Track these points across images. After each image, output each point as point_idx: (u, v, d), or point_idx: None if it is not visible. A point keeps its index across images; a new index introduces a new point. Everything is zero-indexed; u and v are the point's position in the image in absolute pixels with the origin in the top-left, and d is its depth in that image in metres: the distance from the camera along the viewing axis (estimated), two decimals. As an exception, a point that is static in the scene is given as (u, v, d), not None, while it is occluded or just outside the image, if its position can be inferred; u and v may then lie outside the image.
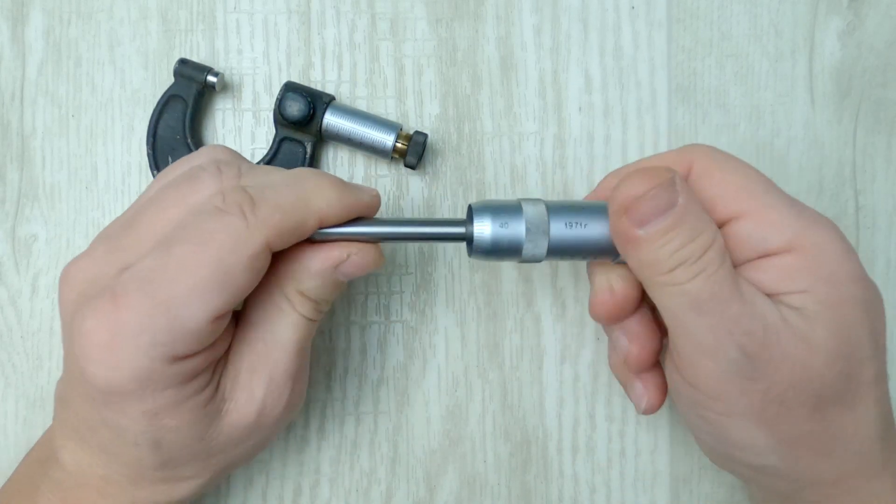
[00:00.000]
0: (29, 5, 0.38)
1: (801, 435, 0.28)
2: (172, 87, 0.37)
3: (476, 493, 0.38)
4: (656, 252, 0.27)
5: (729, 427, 0.28)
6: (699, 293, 0.27)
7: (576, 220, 0.29)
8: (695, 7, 0.39)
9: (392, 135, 0.36)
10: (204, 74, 0.37)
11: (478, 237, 0.29)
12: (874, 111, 0.39)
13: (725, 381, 0.27)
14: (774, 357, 0.27)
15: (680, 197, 0.27)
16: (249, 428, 0.29)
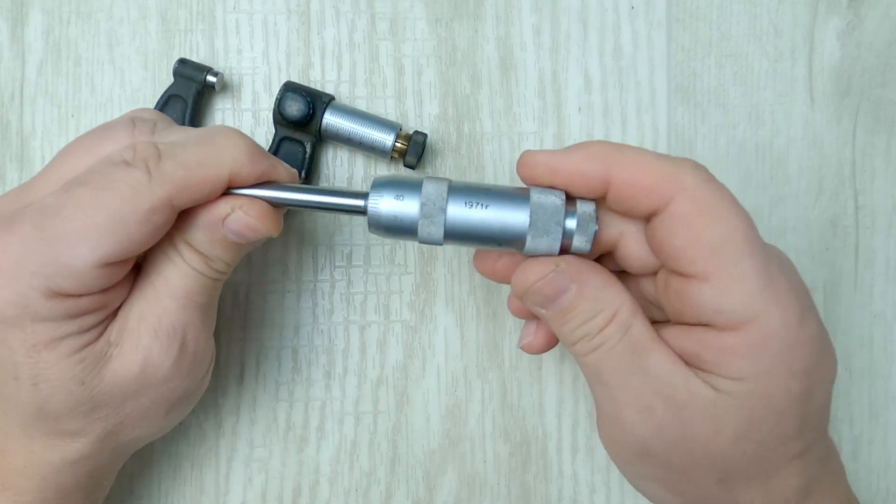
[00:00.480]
0: (28, 5, 0.38)
1: (705, 498, 0.28)
2: (172, 86, 0.37)
3: (475, 493, 0.38)
4: (560, 329, 0.29)
5: (640, 486, 0.30)
6: (597, 366, 0.28)
7: (477, 200, 0.28)
8: (694, 7, 0.39)
9: (391, 134, 0.36)
10: (203, 74, 0.37)
11: (371, 211, 0.28)
12: (874, 111, 0.39)
13: (627, 450, 0.29)
14: (674, 435, 0.27)
15: (572, 284, 0.27)
16: (135, 380, 0.28)
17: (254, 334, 0.38)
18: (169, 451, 0.38)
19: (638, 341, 0.27)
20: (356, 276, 0.39)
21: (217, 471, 0.38)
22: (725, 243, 0.26)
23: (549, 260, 0.28)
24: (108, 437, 0.30)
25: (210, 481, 0.38)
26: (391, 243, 0.39)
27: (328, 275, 0.38)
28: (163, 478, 0.38)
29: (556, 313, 0.28)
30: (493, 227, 0.28)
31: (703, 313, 0.26)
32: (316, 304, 0.38)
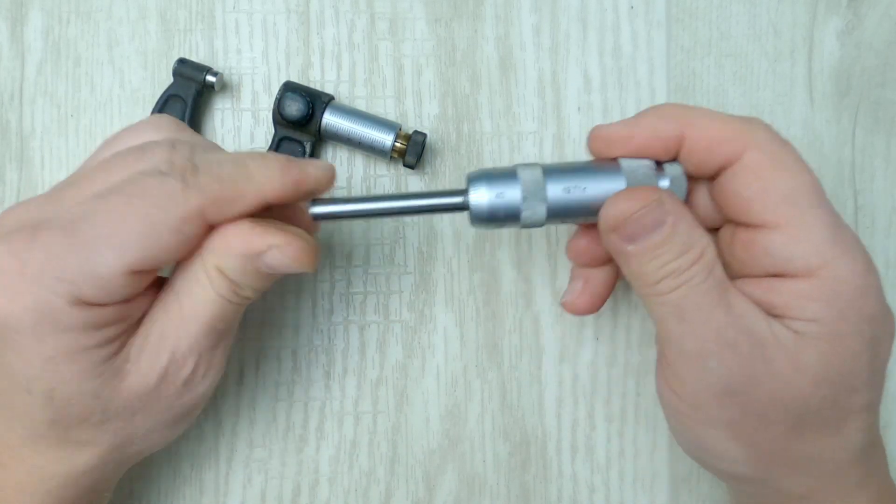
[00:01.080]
0: (28, 5, 0.38)
1: (775, 451, 0.28)
2: (171, 86, 0.37)
3: (475, 493, 0.38)
4: (644, 266, 0.28)
5: (705, 436, 0.29)
6: (682, 302, 0.27)
7: (572, 179, 0.29)
8: (694, 7, 0.39)
9: (391, 134, 0.36)
10: (203, 74, 0.37)
11: (474, 206, 0.29)
12: (873, 111, 0.39)
13: (705, 390, 0.28)
14: (758, 372, 0.27)
15: (669, 216, 0.27)
16: (148, 396, 0.28)
17: (253, 334, 0.38)
18: (168, 452, 0.38)
19: (720, 281, 0.28)
20: (356, 276, 0.39)
21: (216, 471, 0.38)
22: (796, 194, 0.27)
23: (649, 191, 0.28)
24: (114, 449, 0.29)
25: (209, 481, 0.38)
26: (391, 243, 0.39)
27: (328, 275, 0.38)
28: (162, 478, 0.38)
29: (648, 247, 0.27)
30: (592, 201, 0.29)
31: (773, 262, 0.27)
32: (315, 304, 0.38)
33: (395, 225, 0.39)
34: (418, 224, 0.39)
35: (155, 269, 0.27)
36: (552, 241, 0.39)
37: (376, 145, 0.36)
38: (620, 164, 0.29)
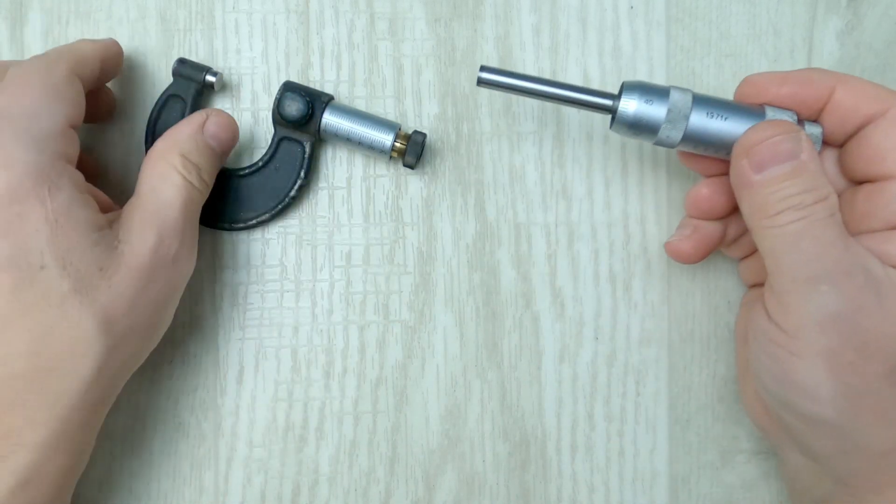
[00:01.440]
0: (27, 5, 0.38)
1: (867, 393, 0.28)
2: (171, 86, 0.37)
3: (475, 493, 0.38)
4: (767, 196, 0.29)
5: (798, 368, 0.28)
6: (802, 232, 0.28)
7: (718, 113, 0.31)
8: (693, 7, 0.39)
9: (391, 134, 0.36)
10: (203, 74, 0.37)
11: (622, 112, 0.31)
12: (873, 111, 0.39)
13: (809, 314, 0.28)
14: (868, 304, 0.27)
15: (803, 152, 0.28)
16: (145, 270, 0.31)
17: (253, 334, 0.38)
18: (168, 451, 0.38)
19: (841, 225, 0.29)
20: (355, 275, 0.39)
21: (216, 471, 0.38)
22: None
23: (790, 124, 0.30)
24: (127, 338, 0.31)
25: (209, 481, 0.38)
26: (391, 243, 0.39)
27: (327, 274, 0.38)
28: (162, 478, 0.38)
29: (777, 177, 0.28)
30: (728, 135, 0.31)
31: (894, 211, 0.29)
32: (315, 304, 0.38)
33: (394, 225, 0.39)
34: (418, 224, 0.39)
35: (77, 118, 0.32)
36: (552, 240, 0.39)
37: (376, 145, 0.36)
38: (766, 111, 0.31)
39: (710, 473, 0.39)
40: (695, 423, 0.39)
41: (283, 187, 0.37)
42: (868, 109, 0.30)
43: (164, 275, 0.32)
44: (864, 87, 0.30)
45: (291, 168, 0.37)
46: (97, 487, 0.38)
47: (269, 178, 0.37)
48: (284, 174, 0.37)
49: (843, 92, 0.30)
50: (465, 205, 0.39)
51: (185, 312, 0.38)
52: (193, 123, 0.34)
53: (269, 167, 0.37)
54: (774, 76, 0.31)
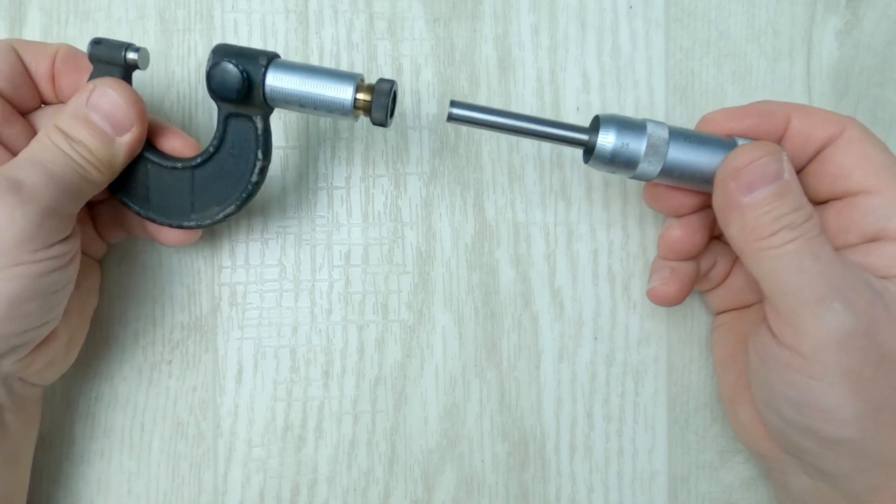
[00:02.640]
0: (27, 5, 0.38)
1: (887, 407, 0.28)
2: (92, 75, 0.32)
3: (474, 493, 0.38)
4: (759, 218, 0.29)
5: (817, 391, 0.28)
6: (802, 252, 0.28)
7: (694, 145, 0.31)
8: (692, 6, 0.39)
9: (350, 87, 0.30)
10: (122, 52, 0.31)
11: (600, 147, 0.31)
12: (872, 111, 0.39)
13: (826, 334, 0.28)
14: (880, 317, 0.28)
15: (786, 172, 0.29)
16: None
17: (252, 334, 0.38)
18: (167, 451, 0.38)
19: (828, 241, 0.29)
20: (354, 275, 0.39)
21: (215, 471, 0.38)
22: (891, 165, 0.30)
23: (772, 144, 0.30)
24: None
25: (208, 481, 0.38)
26: (389, 243, 0.39)
27: (326, 274, 0.38)
28: (161, 478, 0.38)
29: (764, 198, 0.29)
30: (705, 168, 0.31)
31: (871, 223, 0.30)
32: (314, 304, 0.38)
33: (393, 225, 0.39)
34: (417, 224, 0.39)
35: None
36: (550, 240, 0.39)
37: (334, 106, 0.30)
38: (735, 141, 0.31)
39: (709, 473, 0.39)
40: (693, 423, 0.39)
41: (242, 172, 0.33)
42: (825, 133, 0.31)
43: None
44: (819, 113, 0.31)
45: (247, 150, 0.33)
46: (95, 487, 0.38)
47: (226, 164, 0.33)
48: (241, 158, 0.33)
49: (800, 119, 0.31)
50: (464, 204, 0.39)
51: (184, 312, 0.38)
52: (78, 95, 0.31)
53: (221, 152, 0.33)
54: (733, 112, 0.32)
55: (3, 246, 0.28)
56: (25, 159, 0.30)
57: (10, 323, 0.28)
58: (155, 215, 0.34)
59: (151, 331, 0.38)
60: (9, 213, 0.28)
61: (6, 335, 0.29)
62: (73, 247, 0.31)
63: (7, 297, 0.28)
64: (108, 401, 0.38)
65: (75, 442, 0.38)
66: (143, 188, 0.33)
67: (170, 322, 0.38)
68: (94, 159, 0.31)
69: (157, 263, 0.38)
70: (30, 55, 0.32)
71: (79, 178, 0.30)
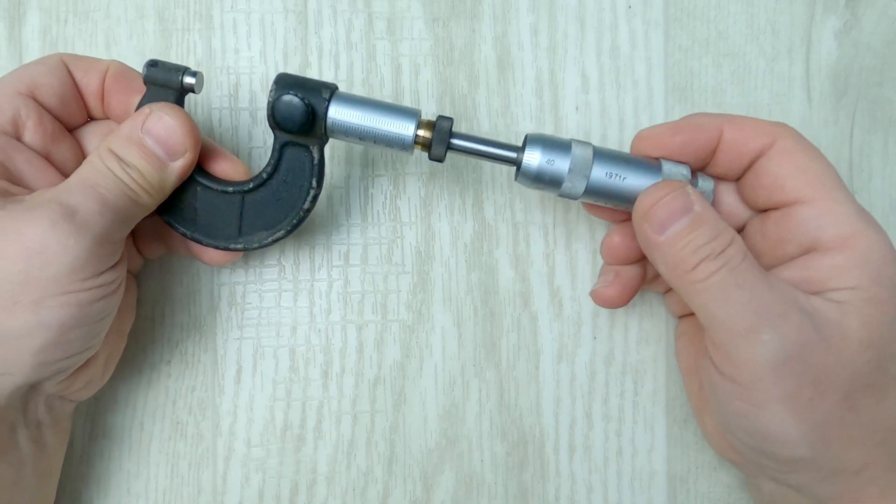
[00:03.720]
0: (25, 5, 0.38)
1: (830, 422, 0.28)
2: (145, 97, 0.32)
3: (473, 493, 0.38)
4: (679, 252, 0.29)
5: (763, 418, 0.29)
6: (725, 283, 0.28)
7: (617, 166, 0.31)
8: (691, 6, 0.39)
9: (411, 124, 0.31)
10: (179, 76, 0.31)
11: (525, 165, 0.31)
12: (871, 110, 0.39)
13: (760, 365, 0.28)
14: (809, 340, 0.28)
15: (695, 204, 0.29)
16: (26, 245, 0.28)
17: (251, 333, 0.38)
18: (166, 451, 0.38)
19: (756, 265, 0.29)
20: (353, 275, 0.39)
21: (214, 470, 0.38)
22: (825, 174, 0.30)
23: (676, 182, 0.31)
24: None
25: (207, 481, 0.38)
26: (389, 243, 0.39)
27: (325, 274, 0.38)
28: (160, 477, 0.38)
29: (679, 233, 0.29)
30: (627, 190, 0.31)
31: (805, 234, 0.29)
32: (313, 304, 0.38)
33: (393, 225, 0.39)
34: (416, 224, 0.39)
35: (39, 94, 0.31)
36: (549, 240, 0.39)
37: (394, 140, 0.31)
38: (662, 165, 0.32)
39: (708, 473, 0.39)
40: (692, 423, 0.39)
41: (295, 199, 0.33)
42: (757, 143, 0.31)
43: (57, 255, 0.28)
44: (750, 124, 0.31)
45: (301, 178, 0.33)
46: (95, 487, 0.38)
47: (278, 191, 0.33)
48: (294, 185, 0.33)
49: (732, 131, 0.31)
50: (464, 204, 0.39)
51: (183, 312, 0.38)
52: (134, 119, 0.31)
53: (275, 179, 0.33)
54: (665, 128, 0.32)
55: (55, 274, 0.28)
56: (78, 183, 0.29)
57: (56, 349, 0.29)
58: (201, 237, 0.34)
59: (150, 331, 0.38)
60: (62, 242, 0.28)
61: (51, 361, 0.29)
62: (120, 273, 0.31)
63: (56, 325, 0.28)
64: (107, 401, 0.38)
65: (75, 442, 0.38)
66: (191, 210, 0.33)
67: (169, 322, 0.38)
68: (145, 184, 0.30)
69: (156, 264, 0.38)
70: (80, 71, 0.32)
71: (130, 202, 0.30)
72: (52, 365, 0.29)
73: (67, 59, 0.32)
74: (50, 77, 0.32)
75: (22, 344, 0.28)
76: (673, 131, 0.32)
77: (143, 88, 0.32)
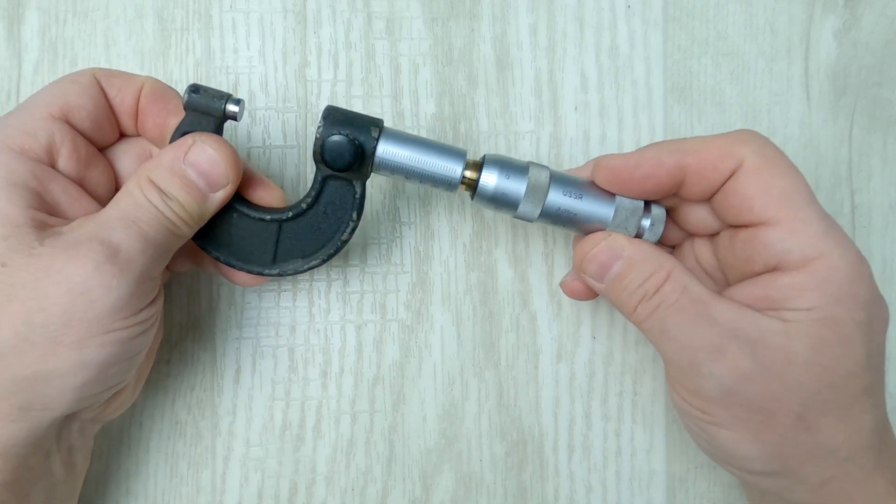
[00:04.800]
0: (25, 4, 0.38)
1: (786, 444, 0.29)
2: (184, 122, 0.31)
3: (472, 493, 0.38)
4: (619, 296, 0.31)
5: (718, 437, 0.30)
6: (662, 324, 0.30)
7: (573, 192, 0.32)
8: (690, 6, 0.39)
9: (459, 165, 0.31)
10: (222, 103, 0.31)
11: (482, 185, 0.32)
12: (870, 110, 0.39)
13: (707, 396, 0.29)
14: (750, 371, 0.28)
15: (624, 250, 0.31)
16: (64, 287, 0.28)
17: (250, 333, 0.38)
18: (165, 451, 0.38)
19: (697, 295, 0.29)
20: (352, 275, 0.39)
21: (213, 470, 0.38)
22: (792, 192, 0.29)
23: (600, 234, 0.32)
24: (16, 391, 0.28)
25: (206, 480, 0.38)
26: (387, 242, 0.39)
27: (324, 274, 0.38)
28: (159, 477, 0.38)
29: (613, 281, 0.31)
30: (582, 215, 0.32)
31: (772, 255, 0.29)
32: (312, 304, 0.38)
33: (392, 224, 0.39)
34: (415, 223, 0.39)
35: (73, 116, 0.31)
36: (549, 240, 0.39)
37: (440, 180, 0.31)
38: (615, 196, 0.32)
39: (707, 472, 0.39)
40: (692, 423, 0.39)
41: (334, 230, 0.33)
42: (724, 167, 0.30)
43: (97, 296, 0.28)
44: (712, 150, 0.30)
45: (342, 211, 0.33)
46: (94, 486, 0.38)
47: (317, 221, 0.33)
48: (334, 217, 0.33)
49: (695, 161, 0.30)
50: (463, 204, 0.39)
51: (182, 312, 0.38)
52: (176, 149, 0.30)
53: (315, 209, 0.33)
54: (626, 161, 0.31)
55: (97, 315, 0.28)
56: (119, 218, 0.29)
57: (96, 385, 0.29)
58: (235, 261, 0.33)
59: (150, 330, 0.38)
60: (106, 284, 0.28)
61: (90, 395, 0.29)
62: (158, 308, 0.31)
63: (96, 363, 0.28)
64: (106, 400, 0.38)
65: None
66: (226, 235, 0.33)
67: (168, 321, 0.38)
68: (185, 215, 0.30)
69: (155, 263, 0.38)
70: (114, 88, 0.32)
71: (170, 234, 0.30)
72: (91, 398, 0.29)
73: (100, 76, 0.32)
74: (83, 97, 0.31)
75: (63, 382, 0.28)
76: (634, 166, 0.31)
77: (179, 108, 0.31)
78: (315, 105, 0.38)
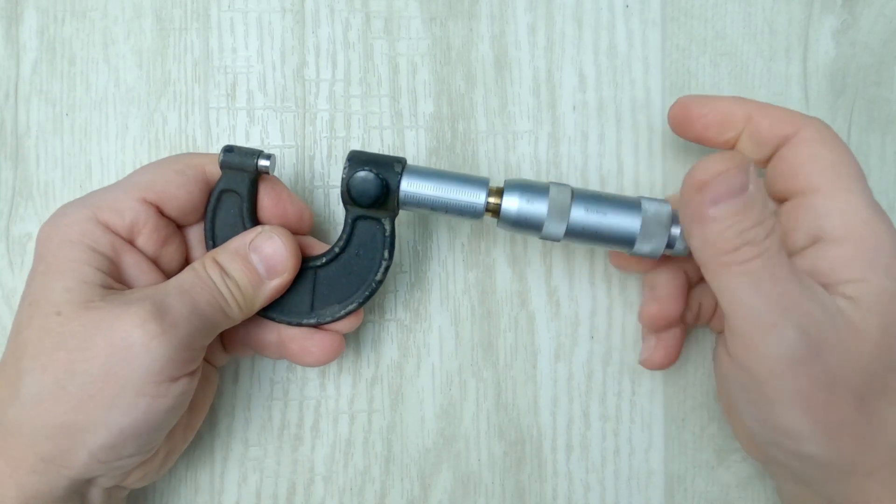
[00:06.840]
0: (23, 4, 0.38)
1: (843, 423, 0.28)
2: (222, 181, 0.33)
3: (470, 492, 0.38)
4: (724, 231, 0.28)
5: (775, 412, 0.29)
6: (761, 272, 0.28)
7: (596, 207, 0.32)
8: (689, 5, 0.39)
9: (482, 192, 0.32)
10: (255, 160, 0.32)
11: (504, 211, 0.32)
12: (868, 110, 0.39)
13: (778, 362, 0.28)
14: (829, 341, 0.28)
15: (751, 183, 0.28)
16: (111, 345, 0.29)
17: (248, 333, 0.38)
18: (163, 450, 0.38)
19: (787, 257, 0.29)
20: (351, 274, 0.39)
21: (212, 470, 0.38)
22: (840, 165, 0.30)
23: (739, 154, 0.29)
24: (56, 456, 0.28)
25: (205, 480, 0.38)
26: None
27: (323, 273, 0.38)
28: (157, 477, 0.38)
29: (730, 211, 0.27)
30: (608, 230, 0.32)
31: (815, 223, 0.29)
32: (310, 303, 0.38)
33: (390, 224, 0.39)
34: (413, 223, 0.39)
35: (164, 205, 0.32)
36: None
37: (465, 210, 0.32)
38: (641, 204, 0.32)
39: (706, 472, 0.39)
40: (690, 422, 0.39)
41: (367, 271, 0.34)
42: (782, 130, 0.31)
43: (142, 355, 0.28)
44: (777, 111, 0.32)
45: (373, 250, 0.34)
46: (93, 486, 0.38)
47: (350, 264, 0.34)
48: (366, 258, 0.34)
49: (759, 116, 0.32)
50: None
51: (181, 311, 0.38)
52: (244, 236, 0.32)
53: (347, 252, 0.34)
54: (702, 106, 0.33)
55: (132, 373, 0.28)
56: (176, 286, 0.30)
57: (111, 451, 0.29)
58: (274, 314, 0.34)
59: (148, 330, 0.38)
60: (147, 343, 0.28)
61: (103, 461, 0.29)
62: (192, 385, 0.30)
63: (118, 427, 0.28)
64: (104, 400, 0.38)
65: (72, 441, 0.38)
66: None
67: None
68: (239, 296, 0.31)
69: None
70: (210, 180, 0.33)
71: (219, 311, 0.31)
72: (105, 465, 0.29)
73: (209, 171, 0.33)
74: (181, 190, 0.32)
75: (84, 438, 0.28)
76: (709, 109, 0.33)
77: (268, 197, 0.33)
78: (313, 105, 0.38)
